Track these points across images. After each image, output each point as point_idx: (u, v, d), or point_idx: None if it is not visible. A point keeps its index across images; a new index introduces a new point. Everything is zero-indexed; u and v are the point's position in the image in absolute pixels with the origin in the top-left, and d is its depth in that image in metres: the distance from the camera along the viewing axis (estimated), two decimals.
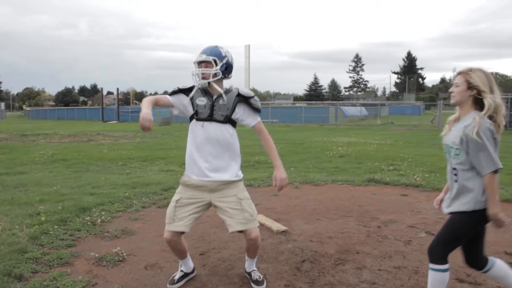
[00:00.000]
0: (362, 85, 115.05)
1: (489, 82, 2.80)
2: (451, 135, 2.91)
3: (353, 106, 52.78)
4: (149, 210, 6.20)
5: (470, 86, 2.81)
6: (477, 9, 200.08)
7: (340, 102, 56.86)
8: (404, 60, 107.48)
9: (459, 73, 2.91)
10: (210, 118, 3.37)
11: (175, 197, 3.46)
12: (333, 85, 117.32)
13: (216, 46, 3.41)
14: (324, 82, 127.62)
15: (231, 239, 4.76)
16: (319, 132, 24.97)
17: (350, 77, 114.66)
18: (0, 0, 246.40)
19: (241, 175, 3.53)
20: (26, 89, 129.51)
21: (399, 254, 4.39)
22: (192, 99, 3.39)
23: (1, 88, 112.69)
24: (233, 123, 3.44)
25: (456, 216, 2.88)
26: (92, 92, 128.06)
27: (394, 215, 5.89)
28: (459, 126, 2.85)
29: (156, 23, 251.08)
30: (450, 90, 2.96)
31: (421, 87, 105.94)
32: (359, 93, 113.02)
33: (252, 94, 3.49)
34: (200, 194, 3.41)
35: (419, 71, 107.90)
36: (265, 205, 6.32)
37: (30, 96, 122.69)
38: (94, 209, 6.04)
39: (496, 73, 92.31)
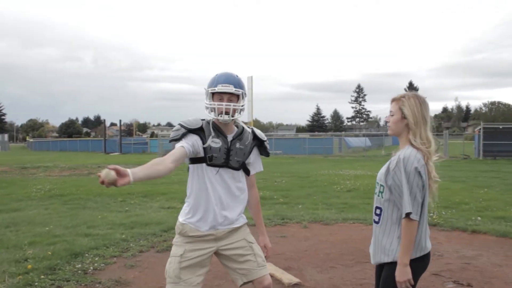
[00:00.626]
0: (364, 115, 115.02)
1: (423, 112, 2.44)
2: (381, 170, 2.53)
3: (357, 137, 52.37)
4: (147, 255, 5.70)
5: (404, 115, 2.45)
6: (476, 39, 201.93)
7: (343, 133, 56.53)
8: (405, 90, 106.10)
9: (393, 100, 2.54)
10: (226, 164, 2.89)
11: (177, 251, 2.89)
12: (336, 115, 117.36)
13: (238, 76, 2.95)
14: (327, 113, 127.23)
15: None
16: (324, 164, 24.48)
17: (353, 107, 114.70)
18: (6, 33, 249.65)
19: (245, 217, 3.08)
20: (30, 120, 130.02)
21: None
22: (204, 139, 2.86)
23: (5, 120, 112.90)
24: (246, 169, 3.00)
25: (388, 269, 2.46)
26: (95, 124, 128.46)
27: None
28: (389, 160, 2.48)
29: (159, 55, 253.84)
30: (386, 119, 2.59)
31: None
32: (361, 123, 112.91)
33: (265, 137, 3.07)
34: (205, 245, 2.90)
35: None
36: (273, 250, 5.68)
37: (34, 128, 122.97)
38: (87, 254, 5.56)
39: (499, 102, 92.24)
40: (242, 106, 2.89)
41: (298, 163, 25.37)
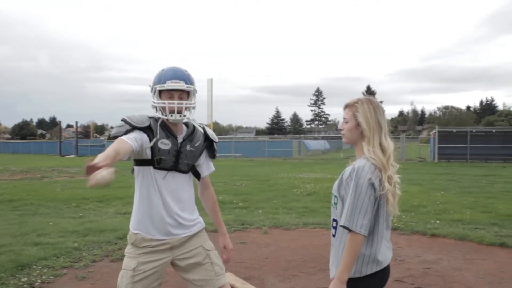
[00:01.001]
0: (323, 118, 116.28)
1: (377, 117, 2.29)
2: (336, 180, 2.37)
3: (316, 140, 52.81)
4: (100, 265, 5.40)
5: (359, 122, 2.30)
6: (432, 46, 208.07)
7: (303, 135, 56.82)
8: (364, 94, 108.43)
9: (346, 106, 2.38)
10: (174, 168, 2.68)
11: (130, 264, 2.65)
12: (295, 118, 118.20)
13: (187, 71, 2.73)
14: (286, 116, 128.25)
15: None
16: (284, 167, 24.47)
17: (312, 110, 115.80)
18: None
19: (203, 222, 2.88)
20: None
21: None
22: (151, 140, 2.61)
23: None
24: (195, 172, 2.82)
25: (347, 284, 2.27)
26: (50, 125, 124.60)
27: None
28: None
29: (118, 56, 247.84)
30: (340, 127, 2.43)
31: None
32: (320, 126, 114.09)
33: (216, 138, 2.90)
34: (160, 255, 2.69)
35: None
36: (232, 258, 5.50)
37: None
38: (35, 266, 5.22)
39: (452, 107, 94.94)
40: (194, 103, 2.70)
41: (257, 166, 25.28)
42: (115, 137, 2.56)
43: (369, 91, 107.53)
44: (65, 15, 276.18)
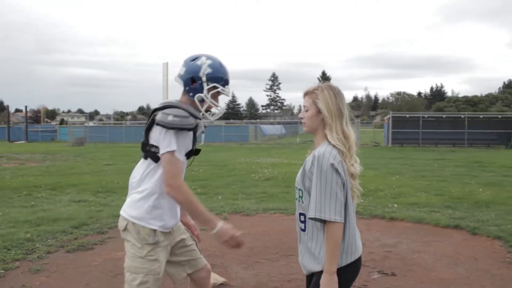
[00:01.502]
0: (279, 103, 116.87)
1: (338, 104, 2.25)
2: (298, 173, 2.30)
3: (272, 125, 53.02)
4: (56, 257, 5.18)
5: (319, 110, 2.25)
6: (386, 33, 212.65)
7: (259, 120, 56.88)
8: (319, 79, 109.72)
9: (306, 94, 2.33)
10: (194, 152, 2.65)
11: (155, 268, 2.46)
12: (251, 103, 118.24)
13: None
14: (242, 100, 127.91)
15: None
16: (241, 152, 24.45)
17: (267, 95, 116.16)
18: None
19: None
20: None
21: None
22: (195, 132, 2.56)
23: None
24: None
25: (318, 276, 2.21)
26: None
27: None
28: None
29: (70, 38, 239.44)
30: (300, 115, 2.36)
31: None
32: (276, 111, 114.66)
33: None
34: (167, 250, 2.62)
35: None
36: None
37: None
38: None
39: (404, 93, 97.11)
40: None
41: (214, 151, 25.10)
42: (183, 129, 2.39)
43: (324, 77, 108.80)
44: None
